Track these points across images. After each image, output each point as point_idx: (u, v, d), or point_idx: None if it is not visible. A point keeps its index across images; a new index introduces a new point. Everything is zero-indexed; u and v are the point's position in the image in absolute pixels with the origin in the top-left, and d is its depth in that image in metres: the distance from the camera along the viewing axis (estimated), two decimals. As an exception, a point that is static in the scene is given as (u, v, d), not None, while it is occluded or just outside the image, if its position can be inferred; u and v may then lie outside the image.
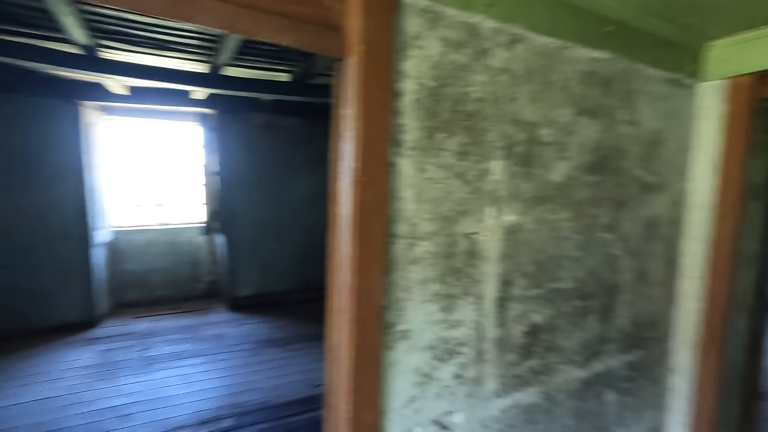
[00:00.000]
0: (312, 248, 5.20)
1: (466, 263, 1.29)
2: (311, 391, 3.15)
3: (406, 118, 1.14)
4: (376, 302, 1.12)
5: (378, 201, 1.10)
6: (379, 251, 1.11)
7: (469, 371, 1.34)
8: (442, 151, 1.21)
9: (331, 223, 1.20)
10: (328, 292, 1.22)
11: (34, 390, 3.01)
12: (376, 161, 1.09)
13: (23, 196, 3.82)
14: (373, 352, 1.13)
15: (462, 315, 1.30)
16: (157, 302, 5.01)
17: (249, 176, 4.80)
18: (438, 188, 1.22)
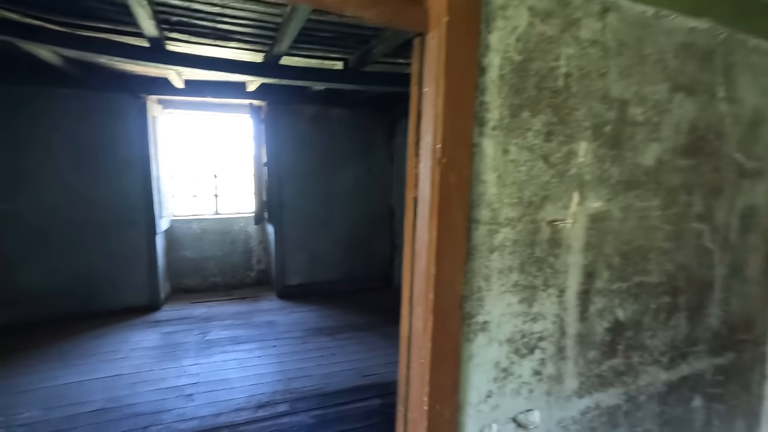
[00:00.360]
0: (357, 239, 5.22)
1: (548, 252, 1.20)
2: (362, 380, 3.16)
3: (489, 96, 1.07)
4: (457, 291, 1.06)
5: (460, 184, 1.03)
6: (460, 238, 1.05)
7: (548, 368, 1.26)
8: (527, 132, 1.13)
9: (407, 208, 1.15)
10: (403, 281, 1.17)
11: (106, 367, 3.21)
12: (459, 142, 1.02)
13: (95, 186, 4.07)
14: (453, 343, 1.07)
15: (542, 308, 1.22)
16: (212, 288, 5.21)
17: (297, 167, 4.86)
18: (521, 171, 1.13)
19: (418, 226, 1.10)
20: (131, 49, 2.50)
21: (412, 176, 1.13)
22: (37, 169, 3.86)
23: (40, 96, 3.80)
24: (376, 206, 5.27)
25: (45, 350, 3.45)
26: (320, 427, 2.60)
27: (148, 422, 2.57)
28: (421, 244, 1.08)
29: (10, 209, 3.81)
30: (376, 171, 5.20)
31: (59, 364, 3.23)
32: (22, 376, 3.04)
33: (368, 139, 5.13)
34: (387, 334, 4.00)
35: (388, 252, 5.39)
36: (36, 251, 3.93)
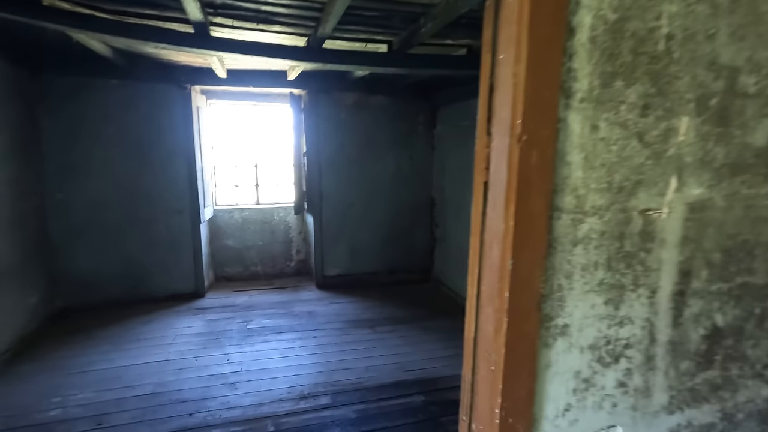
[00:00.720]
0: (397, 230, 5.11)
1: (639, 247, 1.03)
2: (404, 375, 3.07)
3: (578, 62, 0.91)
4: (535, 290, 0.92)
5: (542, 166, 0.88)
6: (541, 228, 0.91)
7: (635, 379, 1.09)
8: (620, 105, 0.96)
9: (475, 194, 1.02)
10: (469, 276, 1.04)
11: (154, 352, 3.29)
12: (543, 116, 0.87)
13: (142, 176, 4.17)
14: (529, 349, 0.93)
15: (630, 310, 1.05)
16: (253, 277, 5.28)
17: (337, 156, 4.80)
18: (612, 151, 0.97)
19: (488, 215, 0.97)
20: (176, 35, 2.48)
21: (482, 158, 0.99)
22: (87, 159, 4.00)
23: (90, 87, 3.92)
24: (417, 196, 5.13)
25: (98, 334, 3.59)
26: (363, 423, 2.53)
27: (194, 409, 2.59)
28: (493, 235, 0.95)
29: (63, 198, 3.97)
30: (417, 160, 5.06)
31: (111, 348, 3.35)
32: (77, 358, 3.17)
33: (409, 127, 4.98)
34: (428, 328, 3.89)
35: (428, 244, 5.26)
36: (89, 239, 4.09)
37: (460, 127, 4.40)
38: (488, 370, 0.96)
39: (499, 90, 0.92)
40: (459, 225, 4.53)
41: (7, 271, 3.21)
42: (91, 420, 2.46)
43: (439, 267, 5.10)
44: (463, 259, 4.42)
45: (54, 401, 2.63)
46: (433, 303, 4.56)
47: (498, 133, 0.92)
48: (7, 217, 3.26)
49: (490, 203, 0.96)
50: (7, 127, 3.31)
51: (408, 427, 2.49)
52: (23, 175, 3.52)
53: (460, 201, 4.48)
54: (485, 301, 0.98)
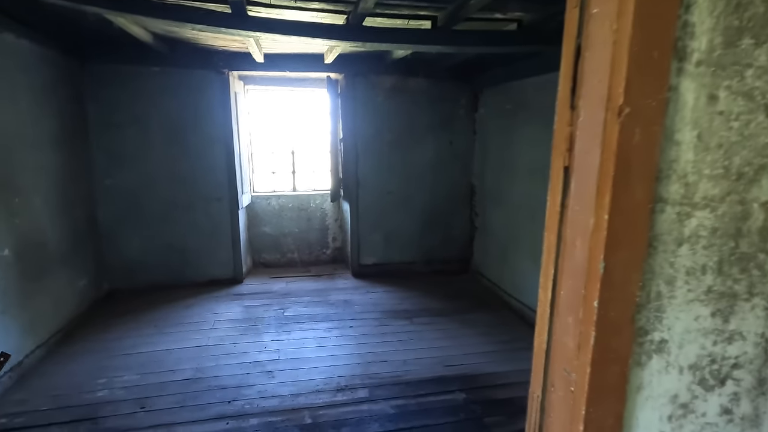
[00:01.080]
0: (435, 219, 4.94)
1: (758, 247, 0.84)
2: (444, 371, 2.94)
3: (696, 14, 0.72)
4: (631, 298, 0.76)
5: (646, 146, 0.71)
6: (641, 223, 0.74)
7: (742, 406, 0.91)
8: (746, 69, 0.76)
9: (552, 183, 0.85)
10: (542, 278, 0.88)
11: (194, 337, 3.33)
12: (650, 83, 0.69)
13: (182, 162, 4.21)
14: (619, 368, 0.77)
15: (742, 324, 0.87)
16: (290, 264, 5.29)
17: (374, 142, 4.66)
18: (732, 128, 0.78)
19: (571, 206, 0.81)
20: (213, 15, 2.40)
21: (562, 137, 0.83)
22: (131, 146, 4.07)
23: (133, 74, 3.96)
24: (456, 184, 4.93)
25: (142, 317, 3.68)
26: (402, 419, 2.43)
27: (232, 396, 2.58)
28: (577, 231, 0.78)
29: (110, 184, 4.07)
30: (457, 145, 4.84)
31: (154, 331, 3.42)
32: (123, 340, 3.25)
33: (450, 111, 4.76)
34: (468, 321, 3.73)
35: (467, 233, 5.06)
36: (134, 224, 4.19)
37: (504, 111, 4.15)
38: (566, 390, 0.81)
39: (590, 52, 0.75)
40: (501, 214, 4.30)
41: (58, 256, 3.32)
42: (134, 403, 2.50)
43: (478, 257, 4.90)
44: (505, 250, 4.21)
45: (100, 382, 2.70)
46: (473, 295, 4.39)
47: (588, 106, 0.75)
48: (59, 203, 3.36)
49: (574, 192, 0.79)
50: (58, 114, 3.39)
51: (450, 427, 2.38)
52: (73, 161, 3.62)
53: (502, 189, 4.24)
54: (564, 310, 0.82)
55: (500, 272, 4.36)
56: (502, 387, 2.77)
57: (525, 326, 3.66)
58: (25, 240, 2.91)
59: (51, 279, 3.21)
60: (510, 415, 2.48)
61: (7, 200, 2.76)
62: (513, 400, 2.61)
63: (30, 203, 3.00)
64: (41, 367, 2.87)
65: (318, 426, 2.34)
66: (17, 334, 2.78)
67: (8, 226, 2.75)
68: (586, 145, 0.76)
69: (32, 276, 2.97)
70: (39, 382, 2.70)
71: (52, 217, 3.27)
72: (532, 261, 3.75)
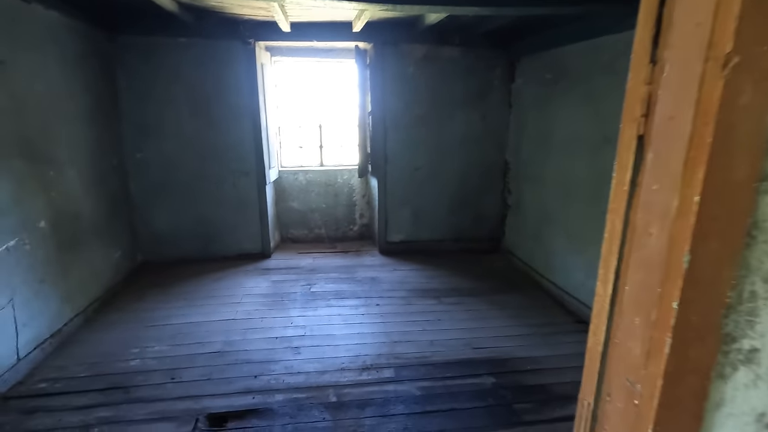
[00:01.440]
0: (465, 196, 4.77)
1: None
2: (472, 353, 2.85)
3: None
4: (720, 298, 0.61)
5: (757, 107, 0.55)
6: (740, 206, 0.59)
7: (843, 426, 0.76)
8: None
9: (620, 155, 0.70)
10: (601, 269, 0.75)
11: (223, 310, 3.37)
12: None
13: (209, 135, 4.19)
14: (698, 381, 0.64)
15: None
16: (317, 240, 5.27)
17: (403, 115, 4.48)
18: None
19: (645, 184, 0.66)
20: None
21: (636, 99, 0.67)
22: (160, 119, 4.07)
23: (161, 46, 3.91)
24: (489, 160, 4.71)
25: (173, 289, 3.75)
26: (428, 401, 2.37)
27: (259, 371, 2.59)
28: (653, 214, 0.64)
29: (142, 157, 4.11)
30: (491, 119, 4.59)
31: (184, 303, 3.48)
32: (154, 311, 3.33)
33: (484, 82, 4.50)
34: (498, 302, 3.61)
35: (499, 211, 4.86)
36: (165, 197, 4.24)
37: (543, 81, 3.86)
38: (628, 403, 0.69)
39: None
40: (535, 192, 4.08)
41: (93, 227, 3.39)
42: (165, 373, 2.55)
43: (510, 237, 4.72)
44: (538, 229, 4.01)
45: (133, 352, 2.77)
46: (503, 275, 4.24)
47: (677, 57, 0.60)
48: (92, 176, 3.42)
49: (651, 167, 0.65)
50: (89, 87, 3.40)
51: (478, 412, 2.30)
52: (105, 134, 3.65)
53: (539, 165, 4.01)
54: (630, 308, 0.69)
55: (533, 252, 4.17)
56: (533, 372, 2.65)
57: (558, 309, 3.50)
58: (60, 212, 2.97)
59: (87, 250, 3.29)
60: (541, 402, 2.37)
61: (42, 173, 2.81)
62: (545, 387, 2.50)
63: (65, 176, 3.05)
64: (79, 335, 2.98)
65: (343, 405, 2.32)
66: (57, 302, 2.87)
67: (44, 199, 2.81)
68: (672, 107, 0.60)
69: (69, 247, 3.04)
70: (77, 350, 2.80)
71: (87, 190, 3.32)
72: (567, 241, 3.55)
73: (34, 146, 2.74)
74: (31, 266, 2.64)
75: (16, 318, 2.49)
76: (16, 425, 2.11)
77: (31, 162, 2.69)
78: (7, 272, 2.43)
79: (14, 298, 2.48)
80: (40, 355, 2.65)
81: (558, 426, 2.18)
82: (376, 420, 2.20)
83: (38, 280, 2.70)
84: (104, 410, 2.22)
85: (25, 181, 2.64)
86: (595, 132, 3.15)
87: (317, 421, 2.19)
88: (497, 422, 2.22)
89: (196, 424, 2.14)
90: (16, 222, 2.54)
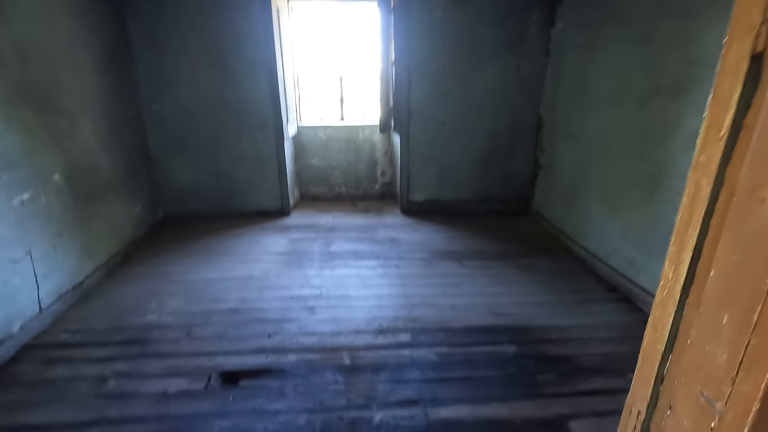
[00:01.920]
0: (494, 153, 4.48)
1: None
2: (493, 319, 2.72)
3: None
4: None
5: None
6: None
7: None
8: None
9: (721, 87, 0.49)
10: (673, 245, 0.56)
11: (240, 267, 3.34)
12: None
13: (225, 86, 4.01)
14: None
15: None
16: (337, 198, 5.15)
17: (429, 65, 4.15)
18: None
19: (759, 126, 0.45)
20: None
21: (754, 4, 0.45)
22: (175, 68, 3.91)
23: (172, -12, 3.68)
24: (521, 115, 4.36)
25: (192, 245, 3.75)
26: (445, 368, 2.27)
27: (273, 329, 2.56)
28: (763, 176, 0.44)
29: (157, 110, 4.00)
30: (525, 70, 4.20)
31: (203, 259, 3.47)
32: (173, 266, 3.33)
33: (520, 27, 4.07)
34: (523, 266, 3.43)
35: (529, 171, 4.56)
36: (183, 151, 4.17)
37: (588, 24, 3.43)
38: (701, 424, 0.52)
39: None
40: (571, 151, 3.76)
41: (111, 181, 3.36)
42: (180, 329, 2.55)
43: (540, 198, 4.44)
44: (572, 192, 3.72)
45: (151, 306, 2.78)
46: (531, 239, 4.02)
47: None
48: (107, 128, 3.34)
49: None
50: (99, 33, 3.25)
51: (496, 381, 2.19)
52: (118, 85, 3.53)
53: (576, 120, 3.66)
54: (715, 301, 0.50)
55: (564, 215, 3.91)
56: (559, 343, 2.51)
57: (589, 276, 3.29)
58: (75, 165, 2.92)
59: (106, 204, 3.27)
60: (565, 375, 2.24)
61: (54, 124, 2.73)
62: (570, 359, 2.36)
63: (78, 127, 2.98)
64: (100, 288, 3.02)
65: (356, 368, 2.25)
66: (77, 255, 2.89)
67: (57, 151, 2.75)
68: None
69: (86, 201, 3.02)
70: (97, 302, 2.84)
71: (102, 143, 3.25)
72: (603, 204, 3.28)
73: (44, 96, 2.64)
74: (47, 219, 2.63)
75: (36, 270, 2.51)
76: (38, 374, 2.16)
77: (40, 112, 2.61)
78: (23, 225, 2.42)
79: (32, 250, 2.49)
80: (62, 307, 2.70)
81: (581, 400, 2.06)
82: (390, 385, 2.13)
83: (55, 233, 2.69)
84: (121, 363, 2.24)
85: (36, 132, 2.57)
86: (646, 82, 2.79)
87: (330, 384, 2.14)
88: (517, 393, 2.11)
89: (209, 381, 2.13)
90: (30, 174, 2.50)
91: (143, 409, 1.95)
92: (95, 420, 1.88)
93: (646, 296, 2.80)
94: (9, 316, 2.30)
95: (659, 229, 2.69)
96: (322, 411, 1.96)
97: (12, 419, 1.88)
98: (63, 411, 1.93)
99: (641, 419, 0.62)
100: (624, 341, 2.51)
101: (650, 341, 0.60)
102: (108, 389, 2.07)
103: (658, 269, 2.74)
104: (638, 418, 0.63)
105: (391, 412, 1.96)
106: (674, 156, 2.56)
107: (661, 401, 0.59)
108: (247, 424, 1.88)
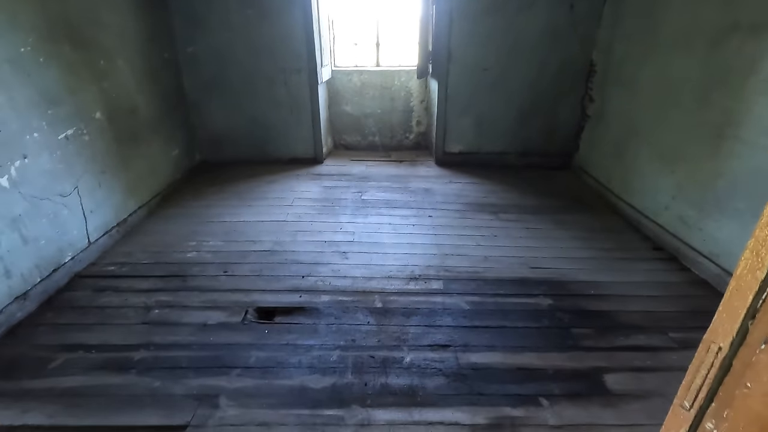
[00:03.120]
0: (538, 103, 4.21)
1: None
2: (529, 272, 2.65)
3: None
4: None
5: None
6: None
7: None
8: None
9: None
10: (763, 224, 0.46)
11: (274, 212, 3.38)
12: None
13: (258, 26, 3.88)
14: None
15: None
16: (371, 147, 5.06)
17: (473, 5, 3.84)
18: None
19: None
20: None
21: None
22: (209, 9, 3.80)
23: None
24: (571, 60, 4.02)
25: (229, 188, 3.81)
26: (477, 316, 2.25)
27: (306, 271, 2.59)
28: None
29: (192, 51, 3.94)
30: (580, 8, 3.82)
31: (238, 203, 3.52)
32: (211, 208, 3.41)
33: (577, -42, 3.66)
34: (562, 222, 3.29)
35: (575, 122, 4.28)
36: (219, 95, 4.14)
37: (660, -48, 3.03)
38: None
39: None
40: (625, 100, 3.46)
41: (150, 123, 3.40)
42: (218, 266, 2.63)
43: (585, 152, 4.19)
44: (622, 145, 3.45)
45: (191, 244, 2.87)
46: (572, 194, 3.83)
47: None
48: (144, 69, 3.33)
49: None
50: (129, -32, 3.17)
51: (530, 332, 2.15)
52: (153, 24, 3.48)
53: (634, 65, 3.33)
54: None
55: (610, 170, 3.68)
56: (596, 298, 2.42)
57: (633, 233, 3.13)
58: (114, 105, 2.95)
59: (145, 146, 3.33)
60: (601, 329, 2.17)
61: (93, 61, 2.74)
62: (608, 314, 2.28)
63: (116, 67, 2.98)
64: (143, 226, 3.14)
65: (388, 311, 2.27)
66: (120, 194, 2.99)
67: (96, 89, 2.77)
68: None
69: (127, 141, 3.08)
70: (141, 239, 2.96)
71: (139, 84, 3.26)
72: (656, 159, 3.04)
73: (81, 32, 2.63)
74: (91, 156, 2.70)
75: (83, 204, 2.61)
76: (89, 301, 2.30)
77: (79, 48, 2.61)
78: (69, 160, 2.50)
79: (79, 186, 2.58)
80: (109, 241, 2.83)
81: (618, 355, 2.00)
82: (421, 329, 2.14)
83: (100, 171, 2.78)
84: (163, 295, 2.35)
85: (76, 68, 2.59)
86: (722, 18, 2.46)
87: (361, 324, 2.17)
88: (551, 344, 2.07)
89: (246, 314, 2.21)
90: (72, 111, 2.54)
91: (185, 336, 2.05)
92: (143, 344, 2.00)
93: (696, 256, 2.63)
94: (61, 246, 2.43)
95: (721, 185, 2.47)
96: (354, 349, 2.00)
97: (68, 339, 2.02)
98: (113, 334, 2.06)
99: (722, 356, 0.55)
100: (668, 300, 2.40)
101: (747, 268, 0.52)
102: (153, 317, 2.18)
103: (714, 228, 2.54)
104: (717, 354, 0.56)
105: (422, 354, 1.97)
106: (749, 103, 2.29)
107: (752, 335, 0.52)
108: (281, 356, 1.94)
